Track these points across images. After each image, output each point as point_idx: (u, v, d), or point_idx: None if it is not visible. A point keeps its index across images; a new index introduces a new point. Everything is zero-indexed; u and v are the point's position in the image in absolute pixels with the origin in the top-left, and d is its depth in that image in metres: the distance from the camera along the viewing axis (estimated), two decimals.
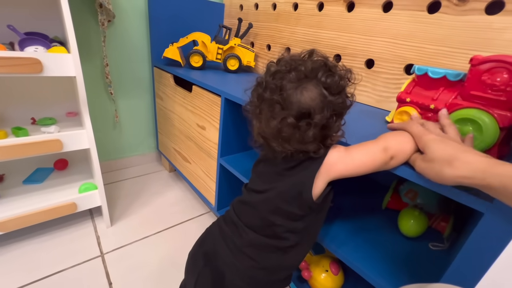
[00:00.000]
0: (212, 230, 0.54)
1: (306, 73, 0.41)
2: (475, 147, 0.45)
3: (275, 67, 0.43)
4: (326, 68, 0.42)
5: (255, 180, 0.52)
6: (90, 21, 1.04)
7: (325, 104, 0.40)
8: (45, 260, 0.82)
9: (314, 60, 0.43)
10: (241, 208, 0.51)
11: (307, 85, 0.40)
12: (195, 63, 1.08)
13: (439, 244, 0.57)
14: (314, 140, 0.41)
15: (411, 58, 0.70)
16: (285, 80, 0.41)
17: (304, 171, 0.45)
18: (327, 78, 0.41)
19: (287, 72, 0.41)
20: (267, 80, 0.43)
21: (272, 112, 0.41)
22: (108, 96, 1.19)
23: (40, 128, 0.88)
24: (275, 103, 0.41)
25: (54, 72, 0.71)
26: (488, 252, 0.34)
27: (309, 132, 0.40)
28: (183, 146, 1.11)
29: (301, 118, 0.40)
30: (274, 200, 0.46)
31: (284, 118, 0.40)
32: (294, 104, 0.40)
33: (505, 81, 0.42)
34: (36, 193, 0.91)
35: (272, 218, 0.46)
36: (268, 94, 0.42)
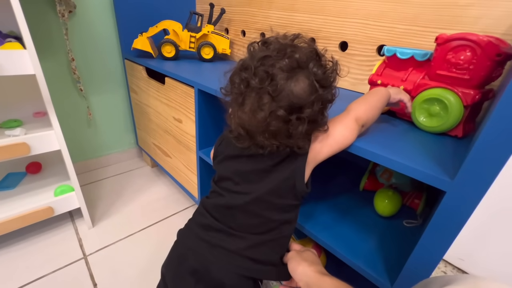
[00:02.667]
0: (190, 244, 0.48)
1: (300, 62, 0.38)
2: (441, 126, 0.46)
3: (264, 51, 0.39)
4: (317, 58, 0.40)
5: (233, 178, 0.48)
6: (48, 12, 0.96)
7: (316, 98, 0.38)
8: (24, 266, 0.79)
9: (305, 47, 0.40)
10: (226, 213, 0.47)
11: (300, 76, 0.38)
12: (168, 53, 1.03)
13: (412, 221, 0.59)
14: (303, 135, 0.40)
15: (382, 39, 0.69)
16: (277, 68, 0.37)
17: (293, 163, 0.44)
18: (319, 69, 0.39)
19: (279, 59, 0.38)
20: (255, 65, 0.38)
21: (260, 102, 0.38)
22: (78, 93, 1.13)
23: (5, 131, 0.83)
24: (264, 93, 0.37)
25: (9, 71, 0.66)
26: (451, 226, 0.35)
27: (300, 127, 0.38)
28: (162, 141, 1.08)
29: (292, 112, 0.38)
30: (266, 198, 0.45)
31: (274, 110, 0.37)
32: (286, 96, 0.37)
33: (468, 59, 0.43)
34: (9, 200, 0.87)
35: (268, 214, 0.45)
36: (257, 82, 0.38)
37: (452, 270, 0.90)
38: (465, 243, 0.84)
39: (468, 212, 0.33)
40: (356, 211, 0.64)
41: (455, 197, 0.33)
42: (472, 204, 0.32)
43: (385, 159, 0.39)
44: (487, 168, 0.30)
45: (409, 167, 0.36)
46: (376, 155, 0.40)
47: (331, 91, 0.41)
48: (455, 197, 0.33)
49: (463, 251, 0.87)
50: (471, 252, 0.85)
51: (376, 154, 0.40)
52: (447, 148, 0.43)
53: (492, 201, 0.75)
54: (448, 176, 0.33)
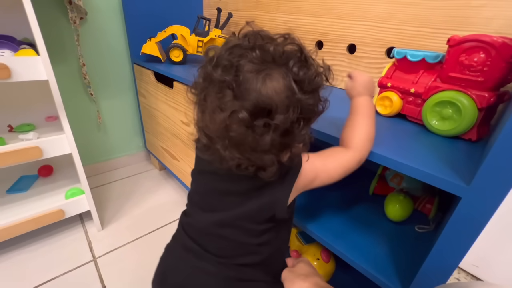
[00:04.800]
0: (171, 263, 0.45)
1: (275, 56, 0.31)
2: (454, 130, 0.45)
3: (236, 40, 0.34)
4: (301, 56, 0.34)
5: (204, 197, 0.44)
6: (60, 19, 0.98)
7: (292, 103, 0.31)
8: (36, 269, 0.81)
9: (288, 44, 0.34)
10: (200, 235, 0.43)
11: (273, 72, 0.31)
12: (176, 57, 1.04)
13: (425, 226, 0.58)
14: (271, 148, 0.32)
15: (391, 41, 0.68)
16: (245, 59, 0.31)
17: (276, 190, 0.38)
18: (301, 69, 0.32)
19: (249, 48, 0.32)
20: (221, 54, 0.32)
21: (220, 100, 0.31)
22: (89, 97, 1.15)
23: (18, 135, 0.85)
24: (226, 87, 0.31)
25: (23, 77, 0.68)
26: (467, 233, 0.34)
27: (266, 136, 0.31)
28: (169, 144, 1.09)
29: (257, 115, 0.30)
30: (237, 223, 0.40)
31: (235, 111, 0.30)
32: (252, 93, 0.30)
33: (482, 61, 0.42)
34: (21, 202, 0.89)
35: (242, 239, 0.41)
36: (218, 73, 0.31)
37: (466, 277, 0.88)
38: (479, 249, 0.81)
39: (485, 219, 0.32)
40: (366, 216, 0.63)
41: (471, 203, 0.32)
42: (489, 210, 0.31)
43: (398, 163, 0.38)
44: (505, 173, 0.29)
45: (423, 172, 0.35)
46: (388, 159, 0.39)
47: (317, 100, 0.34)
48: (471, 203, 0.32)
49: (477, 257, 0.84)
50: (486, 259, 0.83)
51: (388, 159, 0.39)
52: (461, 152, 0.42)
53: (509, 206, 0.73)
54: (463, 182, 0.32)
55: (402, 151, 0.41)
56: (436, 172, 0.35)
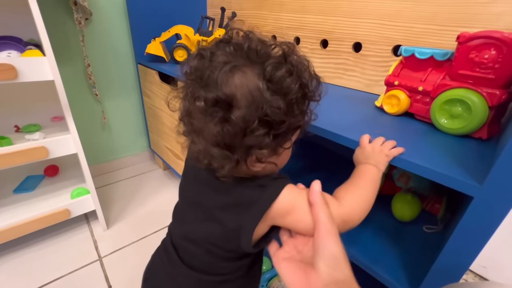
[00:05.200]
0: (155, 264, 0.47)
1: (249, 53, 0.31)
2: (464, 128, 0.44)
3: (224, 36, 0.34)
4: (282, 60, 0.31)
5: (183, 206, 0.44)
6: (66, 20, 0.99)
7: (256, 101, 0.29)
8: (42, 268, 0.81)
9: (275, 47, 0.33)
10: (179, 243, 0.42)
11: (244, 68, 0.30)
12: (180, 57, 1.04)
13: (433, 226, 0.57)
14: (223, 141, 0.30)
15: (398, 39, 0.68)
16: (220, 51, 0.31)
17: (242, 217, 0.34)
18: (276, 70, 0.30)
19: (226, 42, 0.32)
20: (204, 47, 0.33)
21: (192, 87, 0.32)
22: (94, 98, 1.15)
23: (25, 135, 0.86)
24: (198, 76, 0.31)
25: (30, 77, 0.68)
26: (479, 234, 0.33)
27: (215, 124, 0.29)
28: (174, 144, 1.09)
29: (217, 106, 0.29)
30: (205, 244, 0.38)
31: (197, 97, 0.30)
32: (214, 82, 0.29)
33: (493, 58, 0.41)
34: (28, 202, 0.90)
35: (211, 260, 0.39)
36: (195, 61, 0.32)
37: (474, 278, 0.86)
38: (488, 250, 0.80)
39: (497, 219, 0.32)
40: (372, 216, 0.61)
41: (483, 203, 0.32)
42: (503, 210, 0.31)
43: (408, 163, 0.37)
44: None
45: (435, 172, 0.34)
46: (398, 158, 0.38)
47: (287, 104, 0.30)
48: (484, 203, 0.32)
49: (486, 258, 0.83)
50: (494, 259, 0.81)
51: (398, 158, 0.38)
52: (471, 151, 0.41)
53: None
54: (476, 181, 0.32)
55: (411, 150, 0.40)
56: (447, 171, 0.34)
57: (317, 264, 0.30)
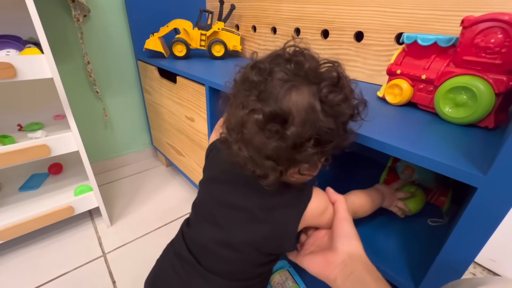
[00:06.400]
0: (163, 270, 0.45)
1: (308, 73, 0.32)
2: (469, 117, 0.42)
3: (279, 51, 0.36)
4: (336, 81, 0.34)
5: (211, 209, 0.42)
6: (64, 17, 0.99)
7: (310, 120, 0.31)
8: (48, 264, 0.83)
9: (328, 68, 0.35)
10: (198, 248, 0.42)
11: (301, 87, 0.32)
12: (179, 52, 1.03)
13: (438, 220, 0.56)
14: (275, 156, 0.32)
15: (401, 26, 0.65)
16: (279, 67, 0.33)
17: (285, 215, 0.38)
18: (331, 92, 0.32)
19: (287, 60, 0.33)
20: (260, 59, 0.35)
21: (246, 98, 0.33)
22: (95, 95, 1.16)
23: (27, 134, 0.86)
24: (254, 87, 0.33)
25: (28, 76, 0.68)
26: (483, 226, 0.32)
27: (271, 141, 0.31)
28: (175, 140, 1.09)
29: (272, 121, 0.31)
30: (241, 247, 0.39)
31: (253, 110, 0.31)
32: (274, 99, 0.31)
33: (499, 42, 0.39)
34: (32, 200, 0.91)
35: (242, 268, 0.40)
36: (252, 74, 0.33)
37: (482, 271, 0.85)
38: (497, 243, 0.78)
39: (503, 211, 0.30)
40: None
41: (487, 194, 0.30)
42: (508, 202, 0.29)
43: (410, 154, 0.36)
44: None
45: (436, 162, 0.33)
46: (400, 149, 0.37)
47: (337, 125, 0.33)
48: (488, 194, 0.30)
49: (495, 252, 0.81)
50: (504, 253, 0.79)
51: (400, 149, 0.37)
52: (477, 141, 0.39)
53: None
54: (480, 171, 0.30)
55: (414, 141, 0.38)
56: (450, 161, 0.32)
57: (334, 245, 0.37)
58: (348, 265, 0.34)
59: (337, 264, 0.35)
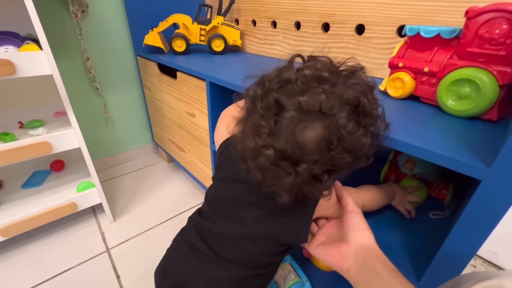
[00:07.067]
0: (174, 258, 0.46)
1: (324, 106, 0.29)
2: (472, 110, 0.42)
3: (291, 74, 0.32)
4: (356, 111, 0.30)
5: (229, 205, 0.43)
6: (62, 13, 0.98)
7: (324, 157, 0.30)
8: (52, 260, 0.84)
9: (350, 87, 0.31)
10: (215, 239, 0.42)
11: (315, 123, 0.29)
12: (178, 47, 1.03)
13: (439, 213, 0.56)
14: (289, 189, 0.32)
15: (403, 19, 0.64)
16: (291, 102, 0.30)
17: (299, 221, 0.40)
18: (350, 124, 0.29)
19: (299, 92, 0.30)
20: (270, 87, 0.32)
21: (257, 128, 0.31)
22: (95, 92, 1.15)
23: (28, 131, 0.86)
24: (266, 120, 0.31)
25: (27, 72, 0.68)
26: (487, 218, 0.32)
27: (287, 178, 0.31)
28: (176, 136, 1.09)
29: (284, 158, 0.30)
30: (259, 239, 0.40)
31: (265, 146, 0.30)
32: (284, 138, 0.29)
33: (504, 33, 0.38)
34: (35, 197, 0.91)
35: (258, 256, 0.42)
36: (261, 106, 0.31)
37: (483, 263, 0.85)
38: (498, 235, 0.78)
39: (506, 203, 0.30)
40: None
41: (491, 186, 0.30)
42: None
43: (412, 147, 0.35)
44: None
45: (439, 155, 0.33)
46: (402, 143, 0.37)
47: (355, 157, 0.31)
48: (492, 186, 0.30)
49: (496, 244, 0.81)
50: (505, 245, 0.80)
51: (402, 142, 0.37)
52: (480, 134, 0.39)
53: None
54: (484, 164, 0.30)
55: (416, 135, 0.38)
56: (453, 155, 0.32)
57: (346, 237, 0.38)
58: (361, 256, 0.35)
59: (350, 255, 0.36)
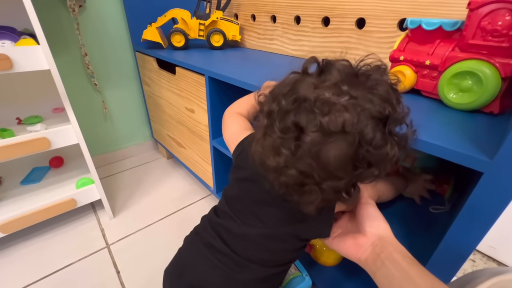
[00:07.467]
0: (191, 259, 0.45)
1: (346, 124, 0.27)
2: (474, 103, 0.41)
3: (310, 91, 0.29)
4: (381, 122, 0.28)
5: (250, 206, 0.42)
6: (59, 8, 0.97)
7: (349, 175, 0.29)
8: (52, 256, 0.84)
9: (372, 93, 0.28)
10: (235, 239, 0.42)
11: (339, 142, 0.27)
12: (177, 42, 1.02)
13: (440, 207, 0.56)
14: (315, 203, 0.32)
15: (404, 12, 0.64)
16: (311, 124, 0.28)
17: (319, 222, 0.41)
18: (375, 141, 0.28)
19: (321, 114, 0.27)
20: (287, 107, 0.29)
21: (278, 149, 0.30)
22: (93, 88, 1.14)
23: (26, 127, 0.86)
24: (286, 141, 0.29)
25: (25, 67, 0.67)
26: (488, 211, 0.32)
27: (312, 196, 0.31)
28: (176, 132, 1.09)
29: (308, 176, 0.30)
30: (284, 237, 0.41)
31: (288, 166, 0.30)
32: (306, 159, 0.29)
33: (507, 24, 0.38)
34: (34, 193, 0.91)
35: (281, 253, 0.43)
36: (280, 128, 0.29)
37: (482, 258, 0.85)
38: (497, 229, 0.78)
39: (508, 196, 0.30)
40: None
41: (493, 179, 0.30)
42: None
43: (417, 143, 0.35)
44: None
45: (441, 148, 0.32)
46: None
47: (384, 170, 0.30)
48: (494, 179, 0.30)
49: (495, 238, 0.82)
50: (505, 239, 0.80)
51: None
52: (482, 126, 0.39)
53: None
54: (486, 156, 0.30)
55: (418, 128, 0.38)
56: (455, 147, 0.32)
57: (362, 228, 0.38)
58: (378, 246, 0.35)
59: (367, 246, 0.36)
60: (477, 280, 0.29)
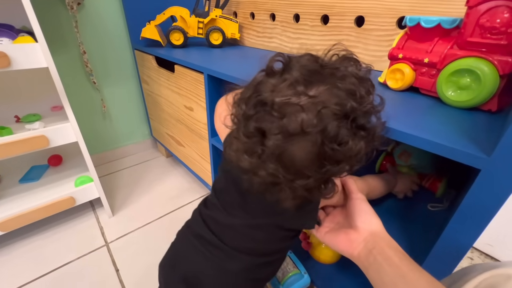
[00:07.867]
0: (182, 250, 0.46)
1: (307, 124, 0.27)
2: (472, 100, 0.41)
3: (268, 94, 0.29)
4: (345, 117, 0.28)
5: (237, 197, 0.43)
6: (57, 5, 0.96)
7: (317, 173, 0.30)
8: (51, 254, 0.84)
9: (336, 87, 0.28)
10: (223, 230, 0.43)
11: (302, 143, 0.28)
12: (176, 40, 1.01)
13: (438, 205, 0.56)
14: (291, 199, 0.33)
15: (403, 10, 0.64)
16: (272, 126, 0.28)
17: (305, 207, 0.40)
18: (340, 137, 0.27)
19: (279, 117, 0.27)
20: (248, 113, 0.30)
21: (246, 152, 0.31)
22: (92, 86, 1.14)
23: (25, 125, 0.86)
24: (253, 144, 0.30)
25: (23, 65, 0.67)
26: (486, 208, 0.32)
27: (286, 193, 0.32)
28: (175, 130, 1.09)
29: (278, 177, 0.30)
30: (269, 228, 0.41)
31: (257, 167, 0.30)
32: (272, 162, 0.29)
33: (506, 22, 0.38)
34: (33, 191, 0.91)
35: (265, 244, 0.43)
36: (242, 132, 0.30)
37: (480, 256, 0.86)
38: (495, 227, 0.79)
39: (506, 192, 0.30)
40: None
41: (491, 176, 0.30)
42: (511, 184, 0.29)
43: (412, 137, 0.35)
44: None
45: (439, 144, 0.32)
46: (402, 133, 0.36)
47: (355, 164, 0.30)
48: (492, 176, 0.30)
49: (493, 236, 0.82)
50: (502, 237, 0.80)
51: (402, 133, 0.36)
52: (480, 124, 0.39)
53: None
54: (483, 153, 0.30)
55: (416, 125, 0.38)
56: (453, 144, 0.32)
57: (354, 223, 0.38)
58: (370, 242, 0.35)
59: (359, 241, 0.36)
60: (469, 275, 0.29)
